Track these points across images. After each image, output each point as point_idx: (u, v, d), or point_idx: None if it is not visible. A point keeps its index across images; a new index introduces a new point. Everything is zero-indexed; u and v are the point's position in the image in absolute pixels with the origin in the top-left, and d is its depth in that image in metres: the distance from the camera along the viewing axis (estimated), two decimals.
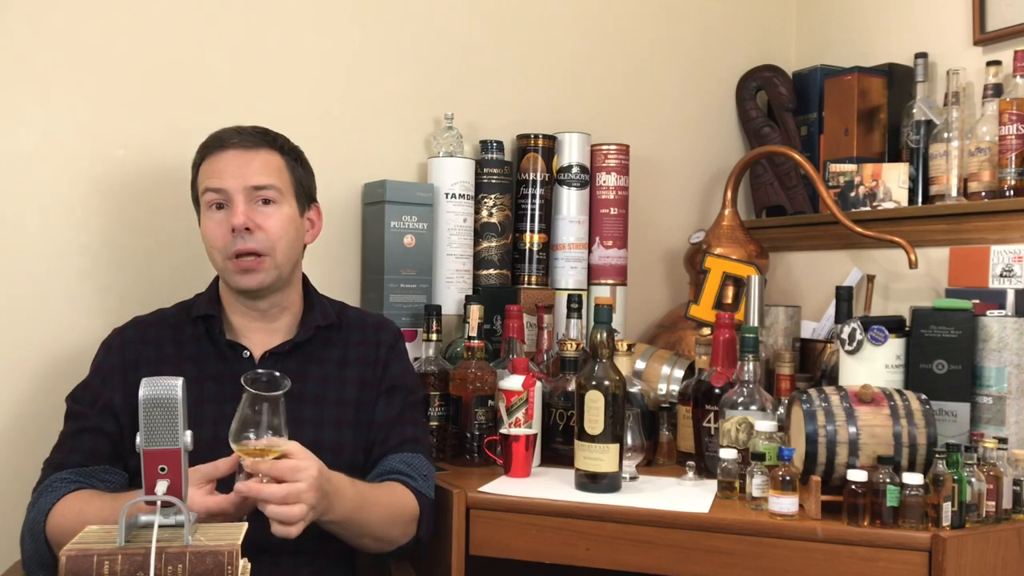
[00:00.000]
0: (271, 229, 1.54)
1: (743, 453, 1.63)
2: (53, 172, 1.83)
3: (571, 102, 2.41)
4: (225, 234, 1.53)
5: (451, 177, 2.15)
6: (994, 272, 1.91)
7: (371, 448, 1.62)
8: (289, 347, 1.59)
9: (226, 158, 1.54)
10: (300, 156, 1.64)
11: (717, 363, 1.81)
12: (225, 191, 1.53)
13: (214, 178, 1.54)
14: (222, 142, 1.56)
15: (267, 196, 1.54)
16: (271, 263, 1.54)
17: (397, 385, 1.66)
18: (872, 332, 1.69)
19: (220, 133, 1.58)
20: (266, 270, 1.54)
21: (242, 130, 1.57)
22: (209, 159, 1.56)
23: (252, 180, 1.53)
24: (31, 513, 1.47)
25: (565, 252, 2.29)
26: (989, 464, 1.50)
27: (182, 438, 1.05)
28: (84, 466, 1.50)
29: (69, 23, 1.84)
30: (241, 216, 1.51)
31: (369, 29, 2.16)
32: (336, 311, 1.68)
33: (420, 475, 1.60)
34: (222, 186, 1.53)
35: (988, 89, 2.04)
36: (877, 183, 2.23)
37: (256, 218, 1.53)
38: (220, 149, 1.55)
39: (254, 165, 1.54)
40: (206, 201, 1.55)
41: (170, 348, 1.58)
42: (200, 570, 0.98)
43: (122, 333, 1.61)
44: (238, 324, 1.61)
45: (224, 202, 1.54)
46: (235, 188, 1.53)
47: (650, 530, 1.54)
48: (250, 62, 2.02)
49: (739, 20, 2.66)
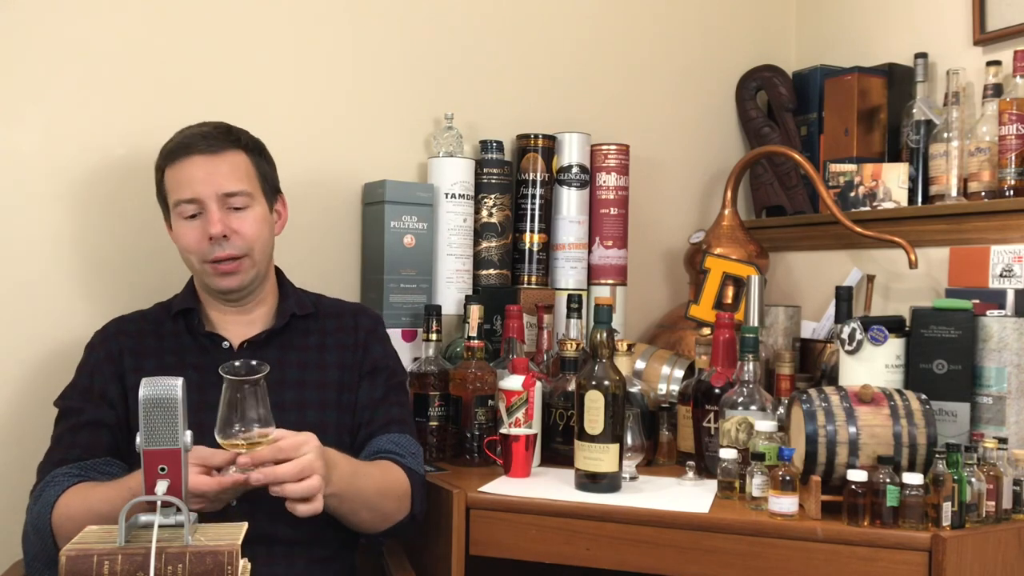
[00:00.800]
0: (247, 232, 1.56)
1: (743, 453, 1.63)
2: (53, 172, 1.83)
3: (571, 102, 2.41)
4: (201, 241, 1.54)
5: (451, 177, 2.15)
6: (994, 272, 1.91)
7: (357, 430, 1.64)
8: (266, 336, 1.62)
9: (193, 164, 1.54)
10: (263, 150, 1.65)
11: (717, 363, 1.81)
12: (198, 200, 1.54)
13: (185, 188, 1.54)
14: (187, 148, 1.55)
15: (239, 203, 1.56)
16: (249, 263, 1.57)
17: (379, 367, 1.68)
18: (872, 332, 1.69)
19: (183, 139, 1.57)
20: (245, 271, 1.57)
21: (205, 133, 1.56)
22: (175, 166, 1.55)
23: (223, 187, 1.54)
24: (35, 509, 1.47)
25: (565, 252, 2.29)
26: (989, 464, 1.50)
27: (182, 438, 1.05)
28: (84, 460, 1.50)
29: (69, 23, 1.84)
30: (219, 225, 1.53)
31: (369, 29, 2.16)
32: (313, 301, 1.71)
33: (408, 453, 1.62)
34: (194, 196, 1.53)
35: (988, 89, 2.04)
36: (877, 183, 2.23)
37: (232, 224, 1.55)
38: (185, 155, 1.54)
39: (222, 170, 1.55)
40: (179, 211, 1.56)
41: (151, 340, 1.61)
42: (200, 570, 0.98)
43: (103, 331, 1.64)
44: (215, 317, 1.63)
45: (197, 211, 1.55)
46: (207, 196, 1.53)
47: (650, 530, 1.54)
48: (250, 62, 2.02)
49: (739, 20, 2.66)
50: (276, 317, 1.65)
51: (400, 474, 1.57)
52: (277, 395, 1.55)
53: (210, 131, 1.57)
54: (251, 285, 1.60)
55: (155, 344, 1.60)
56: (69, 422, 1.55)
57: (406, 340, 2.05)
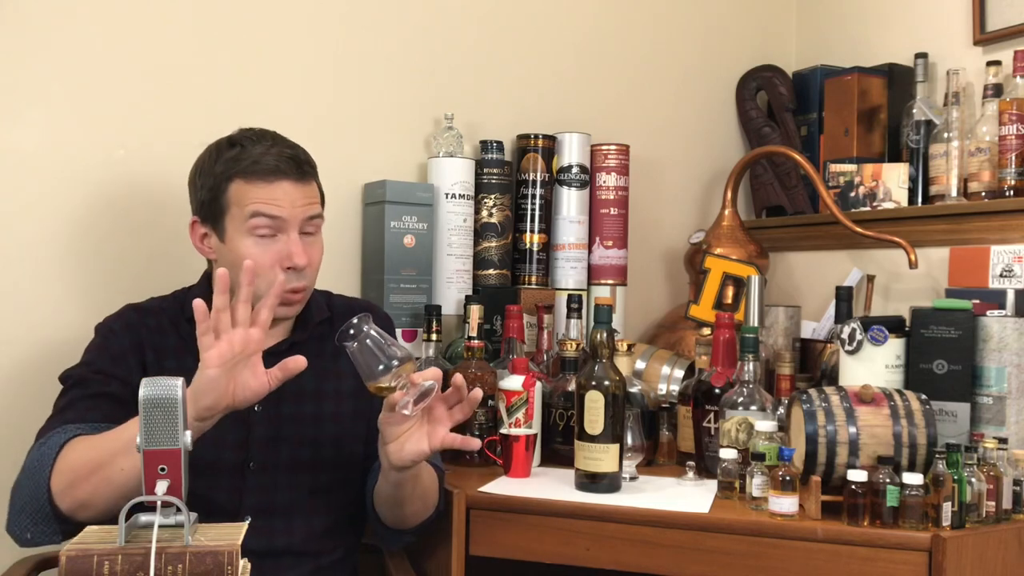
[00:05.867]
0: (315, 262, 1.55)
1: (743, 453, 1.63)
2: (53, 172, 1.83)
3: (571, 102, 2.41)
4: (274, 264, 1.49)
5: (451, 177, 2.15)
6: (994, 272, 1.91)
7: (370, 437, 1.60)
8: (287, 347, 1.59)
9: (283, 189, 1.50)
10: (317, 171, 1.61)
11: (717, 363, 1.81)
12: (282, 220, 1.49)
13: (271, 204, 1.49)
14: (277, 172, 1.50)
15: (313, 228, 1.54)
16: (307, 293, 1.57)
17: None
18: (872, 332, 1.69)
19: (273, 161, 1.50)
20: (303, 300, 1.56)
21: (294, 156, 1.52)
22: (260, 184, 1.49)
23: (308, 212, 1.52)
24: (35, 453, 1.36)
25: (565, 252, 2.29)
26: (989, 464, 1.50)
27: (182, 438, 1.04)
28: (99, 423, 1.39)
29: (69, 24, 1.84)
30: (304, 256, 1.50)
31: (370, 29, 2.16)
32: (325, 301, 1.68)
33: None
34: (280, 215, 1.49)
35: (988, 89, 2.04)
36: (877, 183, 2.23)
37: (308, 253, 1.52)
38: (274, 177, 1.50)
39: (309, 197, 1.53)
40: (253, 224, 1.49)
41: (173, 339, 1.55)
42: (200, 570, 0.98)
43: (122, 316, 1.57)
44: None
45: (273, 232, 1.50)
46: (292, 220, 1.50)
47: (650, 530, 1.54)
48: (251, 63, 2.02)
49: (739, 20, 2.66)
50: (297, 327, 1.61)
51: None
52: (296, 406, 1.55)
53: (297, 155, 1.53)
54: None
55: (176, 342, 1.55)
56: (88, 389, 1.45)
57: (406, 340, 2.05)
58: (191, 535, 1.00)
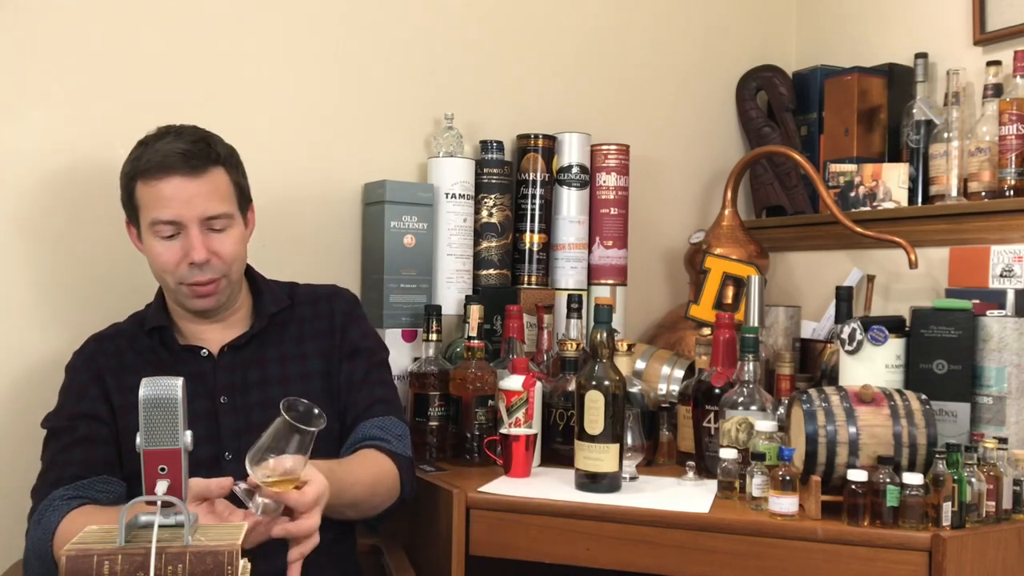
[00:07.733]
0: (226, 254, 1.51)
1: (743, 453, 1.63)
2: (53, 173, 1.83)
3: (571, 102, 2.41)
4: (180, 263, 1.49)
5: (451, 177, 2.15)
6: (994, 272, 1.91)
7: (344, 415, 1.62)
8: (246, 339, 1.60)
9: (172, 185, 1.46)
10: (238, 160, 1.57)
11: (717, 363, 1.81)
12: (178, 223, 1.47)
13: (163, 209, 1.46)
14: (165, 168, 1.45)
15: (220, 225, 1.51)
16: (226, 283, 1.54)
17: (359, 348, 1.66)
18: (872, 332, 1.69)
19: (159, 156, 1.46)
20: (221, 291, 1.54)
21: (184, 151, 1.46)
22: (151, 183, 1.47)
23: (206, 211, 1.48)
24: (35, 535, 1.42)
25: (565, 252, 2.29)
26: (989, 464, 1.50)
27: (182, 438, 1.04)
28: (81, 478, 1.46)
29: (69, 24, 1.84)
30: (202, 252, 1.47)
31: (369, 29, 2.16)
32: (287, 292, 1.68)
33: (394, 436, 1.61)
34: (174, 218, 1.47)
35: (988, 89, 2.04)
36: (877, 183, 2.23)
37: (213, 246, 1.49)
38: (163, 174, 1.46)
39: (204, 191, 1.47)
40: (154, 228, 1.48)
41: (130, 356, 1.57)
42: (200, 570, 0.97)
43: (82, 351, 1.59)
44: (191, 328, 1.60)
45: (175, 232, 1.48)
46: (189, 220, 1.47)
47: (650, 530, 1.54)
48: (251, 62, 2.02)
49: (739, 20, 2.66)
50: (254, 318, 1.62)
51: (387, 463, 1.56)
52: (262, 393, 1.55)
53: (188, 148, 1.47)
54: (227, 302, 1.58)
55: (135, 360, 1.56)
56: (61, 442, 1.50)
57: (406, 340, 2.05)
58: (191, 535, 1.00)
